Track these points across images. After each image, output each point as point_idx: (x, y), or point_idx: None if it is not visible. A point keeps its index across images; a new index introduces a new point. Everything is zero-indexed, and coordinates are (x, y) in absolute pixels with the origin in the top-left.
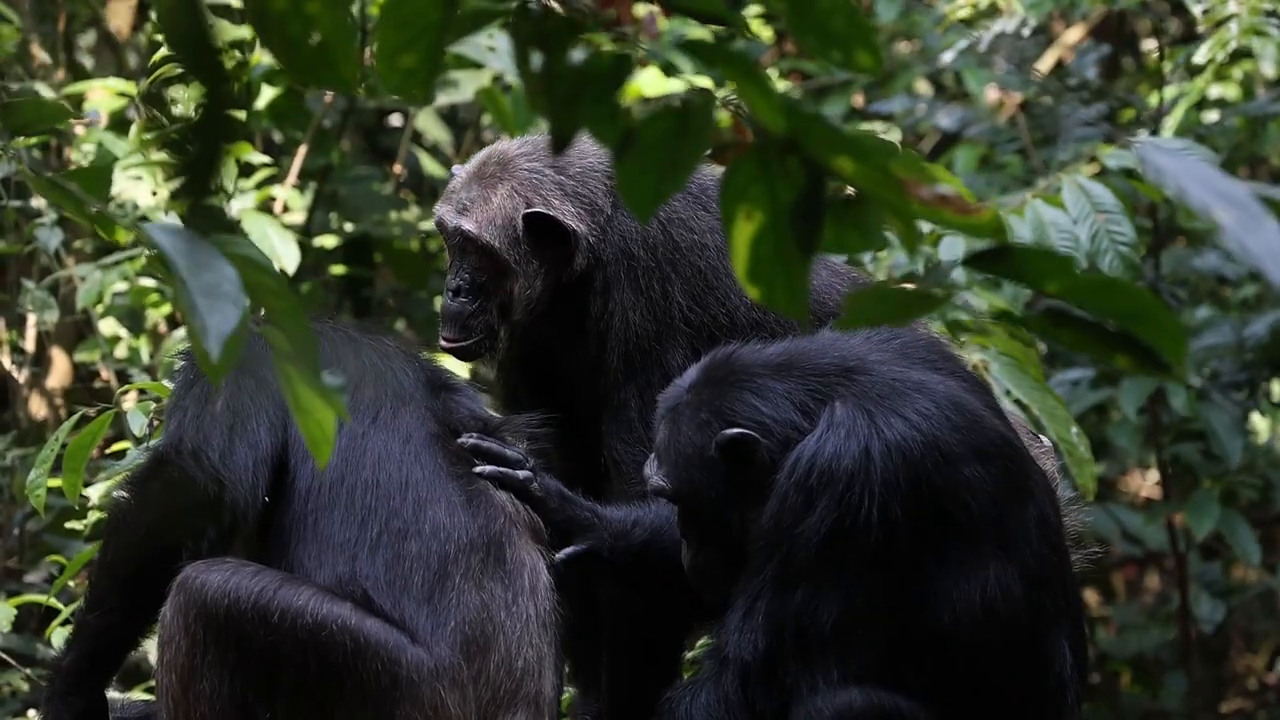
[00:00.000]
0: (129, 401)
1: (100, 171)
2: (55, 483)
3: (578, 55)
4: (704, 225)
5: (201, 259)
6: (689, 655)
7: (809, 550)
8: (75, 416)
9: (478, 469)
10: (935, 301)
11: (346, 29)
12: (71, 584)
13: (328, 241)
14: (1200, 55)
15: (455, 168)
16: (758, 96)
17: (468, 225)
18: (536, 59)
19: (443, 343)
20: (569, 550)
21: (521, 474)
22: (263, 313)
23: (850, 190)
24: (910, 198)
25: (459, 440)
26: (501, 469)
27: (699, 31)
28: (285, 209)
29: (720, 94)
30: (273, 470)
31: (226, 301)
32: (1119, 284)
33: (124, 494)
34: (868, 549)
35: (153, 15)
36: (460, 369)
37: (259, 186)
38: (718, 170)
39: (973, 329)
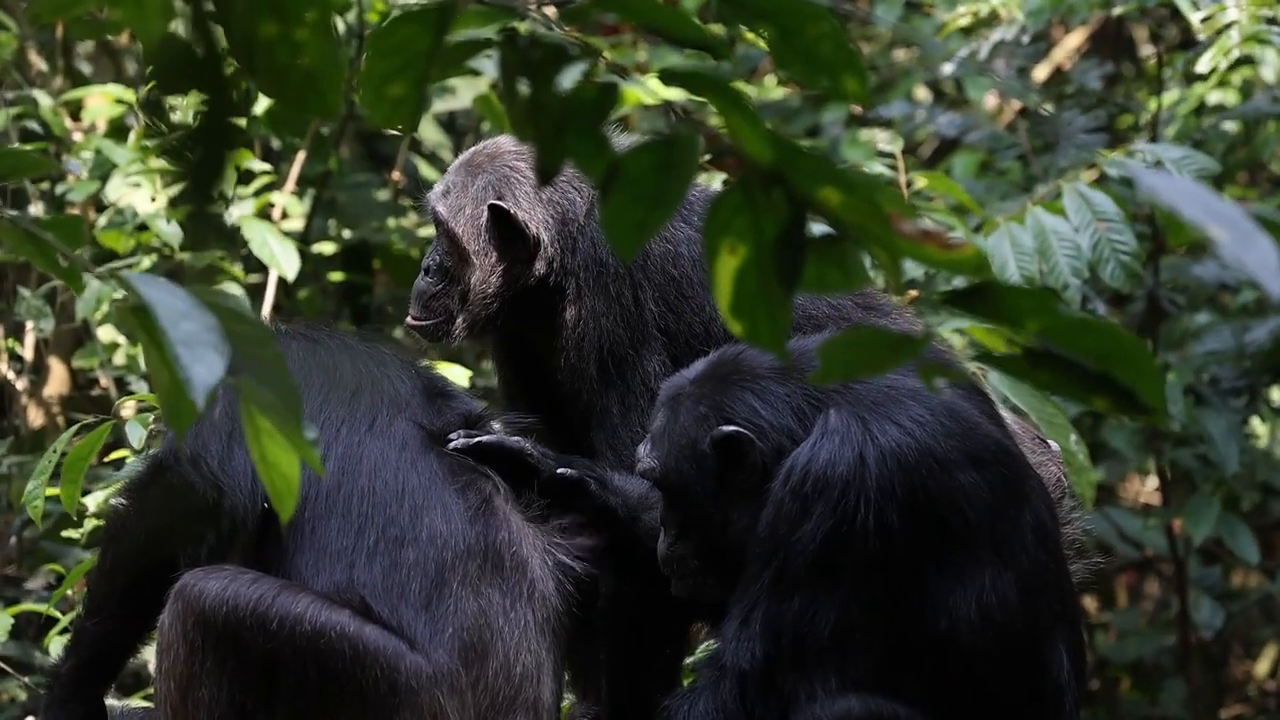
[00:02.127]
0: (128, 410)
1: (73, 221)
2: (53, 492)
3: (566, 80)
4: (679, 235)
5: (181, 308)
6: (688, 661)
7: (806, 558)
8: (75, 427)
9: (477, 440)
10: (913, 347)
11: (334, 56)
12: (70, 592)
13: (326, 248)
14: (1203, 64)
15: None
16: (744, 126)
17: (440, 207)
18: (523, 88)
19: (408, 320)
20: (565, 471)
21: (514, 440)
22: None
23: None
24: (894, 232)
25: (448, 442)
26: (498, 439)
27: (676, 58)
28: (284, 216)
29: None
30: None
31: (208, 350)
32: (1099, 324)
33: (122, 501)
34: (864, 556)
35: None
36: (462, 377)
37: (257, 193)
38: (708, 186)
39: (970, 335)
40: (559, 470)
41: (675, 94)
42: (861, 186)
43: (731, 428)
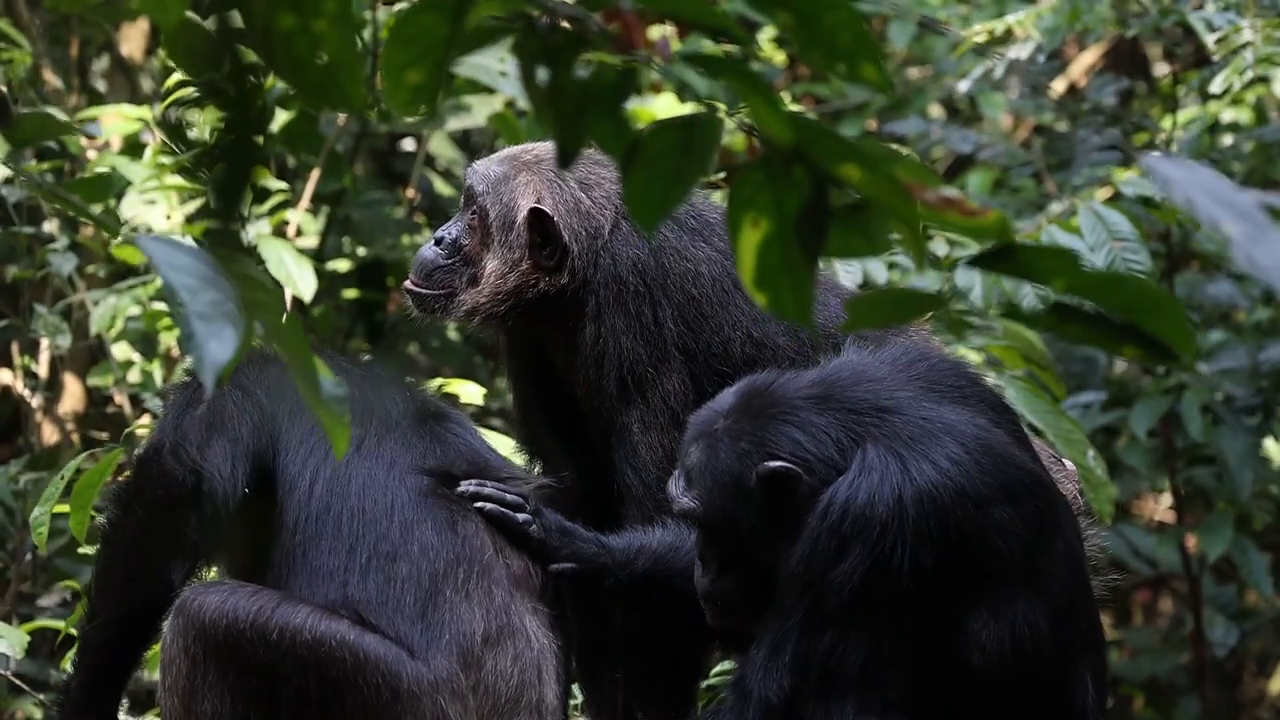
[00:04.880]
0: (142, 432)
1: (100, 180)
2: (63, 508)
3: (583, 71)
4: (699, 255)
5: (202, 276)
6: (707, 683)
7: (840, 596)
8: (85, 454)
9: (477, 505)
10: (936, 302)
11: (354, 48)
12: None
13: (340, 265)
14: (1217, 84)
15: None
16: (764, 108)
17: (479, 185)
18: (542, 74)
19: (407, 284)
20: (565, 565)
21: (520, 517)
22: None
23: (855, 197)
24: (916, 202)
25: (459, 489)
26: (501, 510)
27: (712, 49)
28: (298, 233)
29: (730, 112)
30: (256, 467)
31: (225, 324)
32: (1125, 278)
33: (112, 504)
34: (898, 596)
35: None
36: (476, 395)
37: (272, 211)
38: (721, 205)
39: (987, 353)
40: (554, 567)
41: (692, 109)
42: (881, 160)
43: (779, 463)
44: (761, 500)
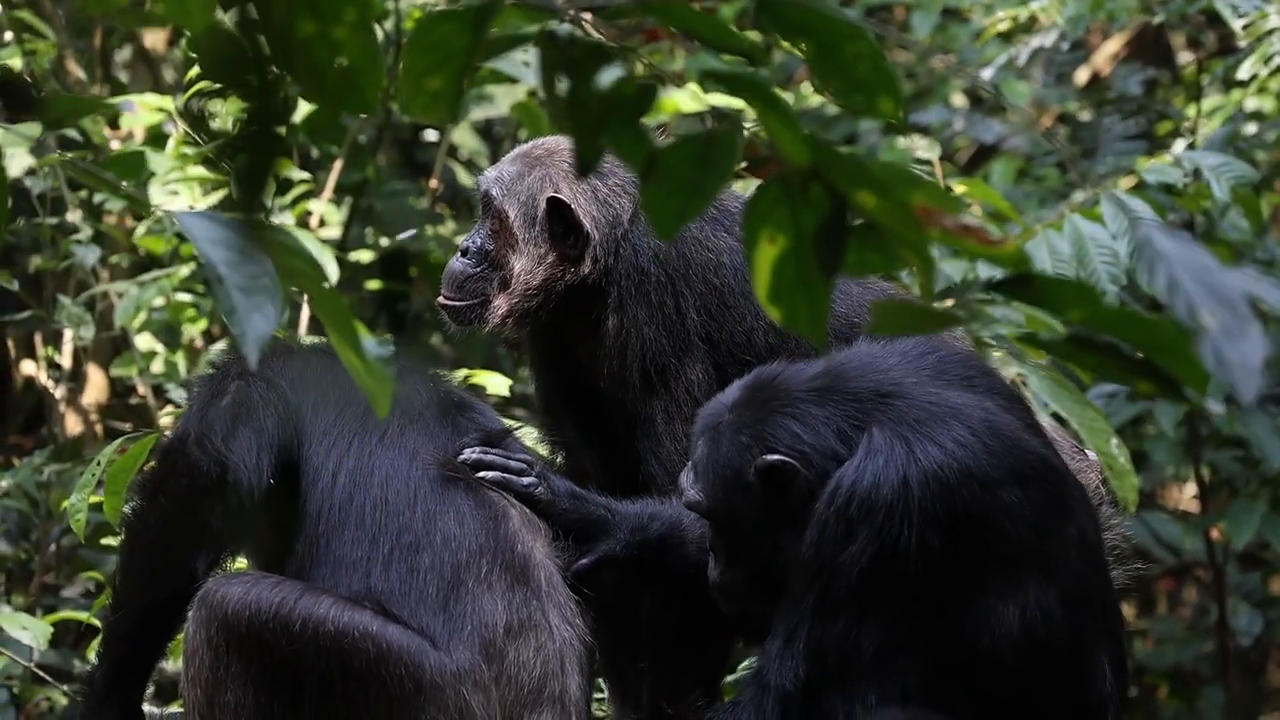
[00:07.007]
0: (168, 421)
1: (134, 156)
2: (94, 499)
3: (605, 79)
4: (721, 245)
5: (239, 249)
6: (731, 677)
7: (849, 580)
8: (119, 440)
9: (479, 473)
10: (958, 320)
11: (373, 55)
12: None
13: (363, 256)
14: (1244, 71)
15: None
16: (781, 128)
17: (495, 190)
18: (562, 85)
19: (440, 299)
20: (582, 563)
21: (525, 480)
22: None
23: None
24: (931, 230)
25: (461, 455)
26: (504, 475)
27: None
28: (321, 224)
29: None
30: (280, 458)
31: (265, 297)
32: (1140, 317)
33: (136, 494)
34: (907, 578)
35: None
36: (502, 386)
37: (295, 202)
38: (743, 195)
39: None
40: (577, 566)
41: (717, 99)
42: (896, 188)
43: (776, 457)
44: (760, 493)
